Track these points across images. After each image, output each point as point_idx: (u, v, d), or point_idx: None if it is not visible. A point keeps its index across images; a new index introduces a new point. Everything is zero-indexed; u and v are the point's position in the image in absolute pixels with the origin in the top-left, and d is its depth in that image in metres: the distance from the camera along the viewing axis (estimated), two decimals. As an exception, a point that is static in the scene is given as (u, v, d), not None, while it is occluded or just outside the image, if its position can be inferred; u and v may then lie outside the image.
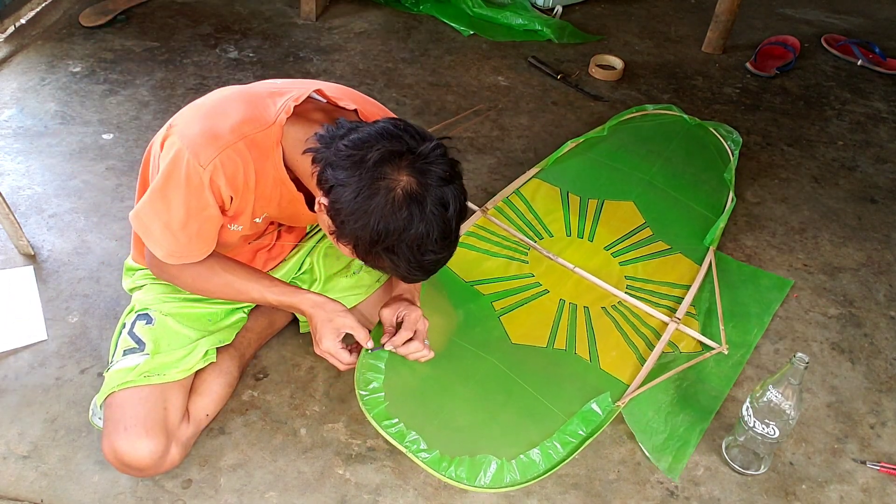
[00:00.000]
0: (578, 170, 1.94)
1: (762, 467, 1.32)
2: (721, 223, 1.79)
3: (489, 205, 1.79)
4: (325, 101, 1.20)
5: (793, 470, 1.34)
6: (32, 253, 1.59)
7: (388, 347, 1.26)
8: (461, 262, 1.61)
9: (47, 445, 1.26)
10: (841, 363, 1.54)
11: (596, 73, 2.42)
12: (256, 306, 1.40)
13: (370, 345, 1.26)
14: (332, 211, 1.05)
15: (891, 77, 2.58)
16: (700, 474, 1.32)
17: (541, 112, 2.23)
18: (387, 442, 1.30)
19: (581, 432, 1.30)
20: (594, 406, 1.34)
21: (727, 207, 1.86)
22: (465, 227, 1.71)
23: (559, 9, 2.71)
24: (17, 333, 1.42)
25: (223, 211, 1.14)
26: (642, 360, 1.47)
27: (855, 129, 2.30)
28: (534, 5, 2.71)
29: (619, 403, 1.36)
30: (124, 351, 1.24)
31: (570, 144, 1.99)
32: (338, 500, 1.22)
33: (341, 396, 1.38)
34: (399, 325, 1.28)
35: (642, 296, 1.61)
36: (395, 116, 1.15)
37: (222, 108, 1.12)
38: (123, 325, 1.29)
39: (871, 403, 1.46)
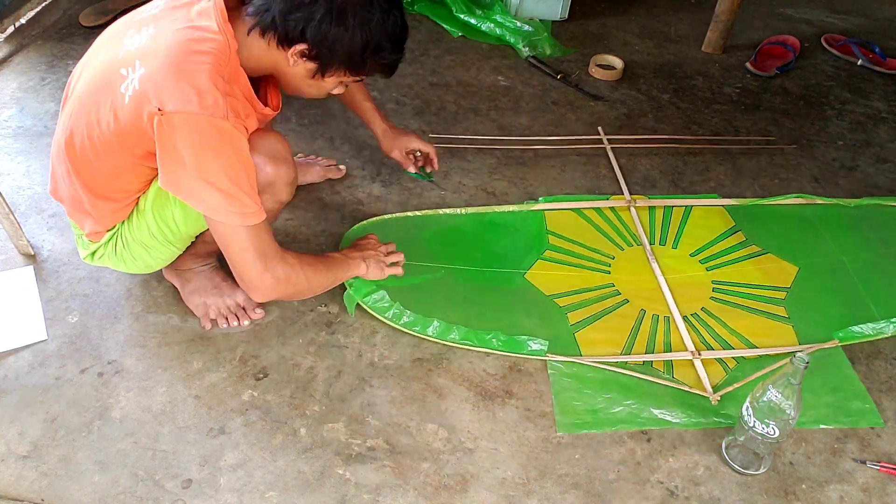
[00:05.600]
0: (770, 216, 1.84)
1: (762, 467, 1.32)
2: (878, 335, 1.55)
3: (641, 202, 1.86)
4: None
5: (793, 470, 1.34)
6: (32, 253, 1.59)
7: (429, 170, 1.84)
8: (546, 278, 1.66)
9: (47, 445, 1.26)
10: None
11: (596, 72, 2.42)
12: None
13: (411, 169, 1.82)
14: (315, 48, 1.20)
15: (891, 77, 2.58)
16: (700, 474, 1.32)
17: (541, 112, 2.23)
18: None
19: (497, 343, 1.47)
20: (531, 343, 1.47)
21: None
22: (602, 204, 1.86)
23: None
24: (17, 333, 1.42)
25: None
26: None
27: (855, 129, 2.30)
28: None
29: (550, 357, 1.46)
30: None
31: (793, 197, 1.88)
32: (338, 500, 1.22)
33: (341, 396, 1.38)
34: (410, 154, 1.80)
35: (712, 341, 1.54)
36: None
37: (180, 58, 1.15)
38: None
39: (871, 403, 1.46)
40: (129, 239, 1.35)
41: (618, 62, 2.46)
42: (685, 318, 1.57)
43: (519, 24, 2.54)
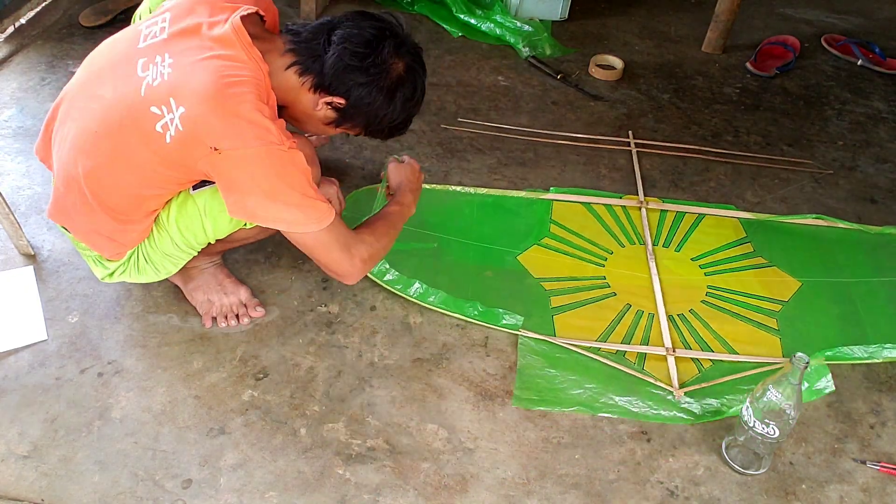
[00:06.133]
0: (784, 232, 1.84)
1: (762, 467, 1.32)
2: (869, 358, 1.52)
3: (653, 205, 1.87)
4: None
5: (793, 470, 1.34)
6: (32, 253, 1.59)
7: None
8: (538, 262, 1.70)
9: (47, 445, 1.26)
10: (841, 363, 1.54)
11: (596, 72, 2.42)
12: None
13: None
14: (352, 108, 1.26)
15: (891, 77, 2.58)
16: (700, 474, 1.32)
17: (541, 112, 2.23)
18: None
19: (474, 312, 1.53)
20: (506, 316, 1.52)
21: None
22: (614, 202, 1.87)
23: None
24: (17, 333, 1.42)
25: None
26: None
27: (855, 129, 2.30)
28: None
29: (522, 332, 1.51)
30: None
31: (812, 217, 1.86)
32: (338, 500, 1.22)
33: (341, 396, 1.38)
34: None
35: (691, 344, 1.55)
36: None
37: (221, 93, 1.13)
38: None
39: (871, 403, 1.47)
40: (150, 253, 1.35)
41: (618, 62, 2.46)
42: (670, 317, 1.59)
43: (519, 24, 2.54)
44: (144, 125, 1.17)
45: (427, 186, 1.83)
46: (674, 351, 1.50)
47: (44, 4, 2.41)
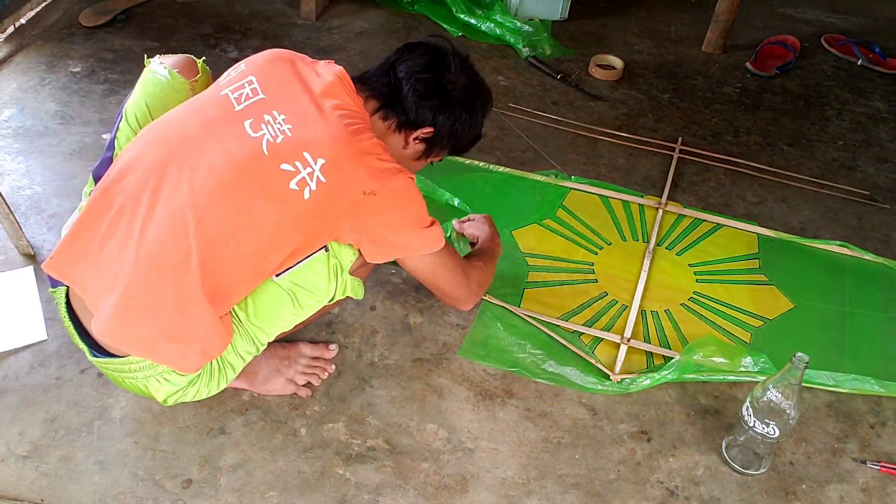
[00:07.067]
0: (800, 254, 1.78)
1: (762, 467, 1.32)
2: (835, 386, 1.47)
3: (672, 208, 1.87)
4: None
5: (793, 470, 1.34)
6: (32, 253, 1.59)
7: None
8: (530, 239, 1.75)
9: (47, 445, 1.26)
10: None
11: (596, 72, 2.42)
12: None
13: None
14: (439, 134, 1.28)
15: (891, 77, 2.59)
16: (700, 474, 1.32)
17: (541, 112, 2.23)
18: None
19: None
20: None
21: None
22: (634, 199, 1.88)
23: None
24: (17, 333, 1.42)
25: None
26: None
27: (855, 129, 2.30)
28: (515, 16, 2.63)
29: (487, 297, 1.56)
30: None
31: (837, 245, 1.80)
32: (338, 500, 1.23)
33: (341, 396, 1.38)
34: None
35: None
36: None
37: (353, 141, 1.15)
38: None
39: (871, 403, 1.47)
40: (229, 351, 1.23)
41: (618, 62, 2.46)
42: (642, 312, 1.60)
43: (519, 24, 2.54)
44: (275, 185, 1.11)
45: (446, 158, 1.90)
46: (628, 341, 1.51)
47: (44, 4, 2.41)
